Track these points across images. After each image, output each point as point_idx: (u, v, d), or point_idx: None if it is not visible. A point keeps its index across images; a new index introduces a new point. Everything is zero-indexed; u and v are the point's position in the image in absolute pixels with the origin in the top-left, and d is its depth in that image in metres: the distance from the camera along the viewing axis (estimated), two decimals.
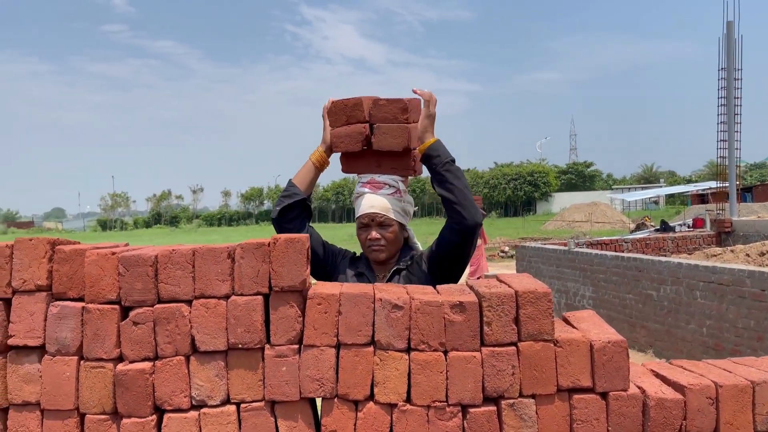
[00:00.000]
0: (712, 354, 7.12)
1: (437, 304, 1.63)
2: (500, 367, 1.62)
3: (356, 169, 2.31)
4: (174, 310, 1.63)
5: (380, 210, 2.22)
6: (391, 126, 2.17)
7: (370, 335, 1.64)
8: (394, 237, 2.26)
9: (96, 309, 1.63)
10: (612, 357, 1.63)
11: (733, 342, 6.85)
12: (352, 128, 2.19)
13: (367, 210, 2.24)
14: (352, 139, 2.19)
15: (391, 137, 2.17)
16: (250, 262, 1.65)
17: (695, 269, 7.43)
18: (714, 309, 7.08)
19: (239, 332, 1.62)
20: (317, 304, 1.64)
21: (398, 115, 2.17)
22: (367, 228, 2.27)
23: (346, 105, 2.19)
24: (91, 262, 1.63)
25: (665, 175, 75.65)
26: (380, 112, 2.18)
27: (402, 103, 2.17)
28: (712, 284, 7.12)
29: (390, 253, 2.28)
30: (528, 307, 1.63)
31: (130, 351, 1.63)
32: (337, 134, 2.21)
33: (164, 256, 1.64)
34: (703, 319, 7.28)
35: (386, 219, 2.23)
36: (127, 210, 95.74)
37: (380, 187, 2.25)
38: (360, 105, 2.18)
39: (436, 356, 1.62)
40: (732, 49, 12.86)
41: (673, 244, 12.24)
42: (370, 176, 2.27)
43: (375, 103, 2.18)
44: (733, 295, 6.80)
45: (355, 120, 2.19)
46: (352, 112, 2.19)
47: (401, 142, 2.17)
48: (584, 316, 1.86)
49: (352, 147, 2.19)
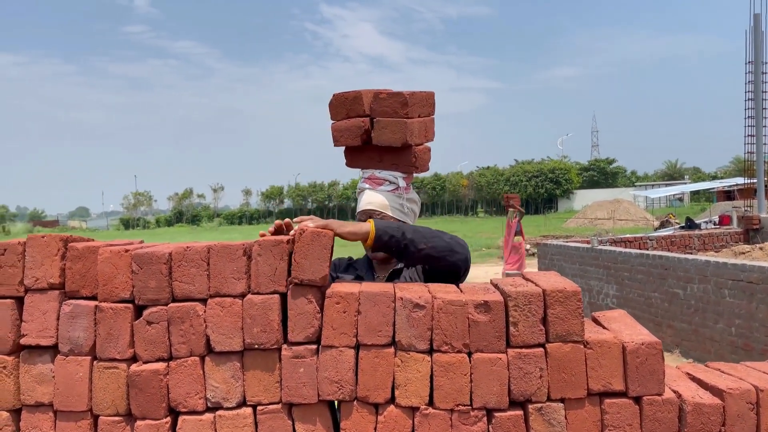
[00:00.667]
0: (741, 354, 6.95)
1: (461, 304, 1.56)
2: (527, 370, 1.54)
3: (359, 164, 2.25)
4: (188, 309, 1.58)
5: (378, 207, 2.16)
6: (390, 120, 2.11)
7: (391, 336, 1.57)
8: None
9: (109, 308, 1.59)
10: (646, 359, 1.55)
11: (763, 342, 6.67)
12: (351, 122, 2.13)
13: (364, 207, 2.18)
14: (352, 133, 2.13)
15: (390, 132, 2.10)
16: (268, 259, 1.59)
17: (724, 267, 7.26)
18: (743, 308, 6.91)
19: (255, 332, 1.57)
20: (336, 303, 1.58)
21: (398, 109, 2.10)
22: None
23: (346, 98, 2.13)
24: (104, 260, 1.59)
25: (690, 171, 74.43)
26: (380, 106, 2.11)
27: (402, 97, 2.11)
28: (742, 282, 6.94)
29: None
30: (556, 306, 1.55)
31: (143, 351, 1.58)
32: (337, 128, 2.16)
33: (178, 253, 1.59)
34: (731, 319, 7.11)
35: (384, 216, 2.16)
36: (150, 209, 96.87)
37: (380, 183, 2.19)
38: (360, 98, 2.12)
39: (460, 358, 1.55)
40: (759, 42, 12.55)
41: (699, 242, 12.00)
42: (371, 172, 2.21)
43: (375, 96, 2.12)
44: (764, 294, 6.63)
45: (354, 114, 2.12)
46: (352, 105, 2.12)
47: (399, 138, 2.10)
48: (615, 316, 1.77)
49: (352, 141, 2.13)
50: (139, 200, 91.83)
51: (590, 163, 79.44)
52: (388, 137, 2.10)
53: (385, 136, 2.10)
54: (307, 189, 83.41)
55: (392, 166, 2.20)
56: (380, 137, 2.10)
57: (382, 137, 2.10)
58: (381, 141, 2.10)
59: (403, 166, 2.20)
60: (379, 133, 2.10)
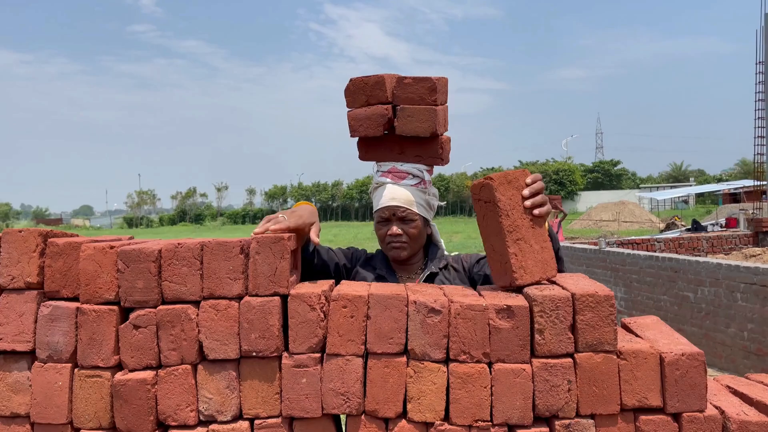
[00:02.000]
0: (754, 359, 6.79)
1: (481, 309, 1.41)
2: (554, 382, 1.39)
3: (376, 157, 2.07)
4: (179, 312, 1.43)
5: (402, 203, 1.99)
6: (417, 108, 1.93)
7: (403, 343, 1.42)
8: (417, 233, 2.02)
9: (92, 310, 1.44)
10: (686, 372, 1.39)
11: None
12: (372, 110, 1.95)
13: (387, 203, 2.00)
14: (373, 122, 1.95)
15: (417, 120, 1.93)
16: (267, 258, 1.44)
17: (736, 270, 7.08)
18: (756, 312, 6.73)
19: (253, 338, 1.42)
20: (342, 307, 1.43)
21: (425, 95, 1.93)
22: (387, 223, 2.02)
23: (366, 83, 1.95)
24: (86, 257, 1.44)
25: (694, 173, 74.12)
26: (405, 92, 1.94)
27: (430, 82, 1.94)
28: (755, 286, 6.77)
29: (412, 251, 2.05)
30: (587, 312, 1.40)
31: (129, 358, 1.43)
32: (355, 116, 1.97)
33: (169, 250, 1.44)
34: (744, 323, 6.93)
35: (409, 213, 1.99)
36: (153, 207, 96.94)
37: (403, 177, 2.01)
38: (382, 83, 1.94)
39: (479, 368, 1.40)
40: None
41: (707, 244, 11.82)
42: (392, 164, 2.03)
43: (399, 81, 1.95)
44: None
45: (375, 100, 1.95)
46: (373, 91, 1.95)
47: (428, 127, 1.93)
48: (648, 322, 1.62)
49: (372, 131, 1.96)
50: (143, 199, 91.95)
51: (594, 164, 79.21)
52: (414, 126, 1.93)
53: (411, 125, 1.93)
54: (311, 189, 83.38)
55: (415, 158, 2.02)
56: (406, 126, 1.93)
57: (407, 126, 1.93)
58: (406, 131, 1.93)
59: (428, 158, 2.03)
60: (405, 122, 1.93)
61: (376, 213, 2.05)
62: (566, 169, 68.23)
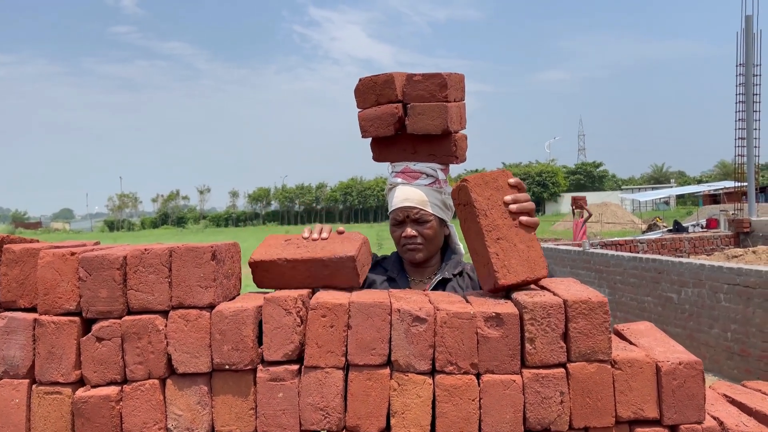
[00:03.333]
0: (738, 360, 6.81)
1: (468, 317, 1.33)
2: (545, 394, 1.31)
3: (389, 157, 2.00)
4: (146, 322, 1.33)
5: (416, 204, 1.91)
6: (427, 105, 1.87)
7: (386, 354, 1.34)
8: (433, 234, 1.95)
9: (51, 322, 1.33)
10: (684, 382, 1.32)
11: (760, 348, 6.51)
12: (382, 109, 1.88)
13: (400, 204, 1.92)
14: (383, 122, 1.88)
15: (428, 118, 1.87)
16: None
17: (719, 271, 7.10)
18: (739, 313, 6.75)
19: (226, 350, 1.33)
20: (321, 316, 1.34)
21: (436, 92, 1.87)
22: (401, 225, 1.95)
23: (375, 82, 1.88)
24: (45, 265, 1.34)
25: (675, 175, 75.01)
26: (415, 90, 1.87)
27: (440, 78, 1.87)
28: (738, 287, 6.79)
29: (429, 253, 1.97)
30: (579, 320, 1.33)
31: (92, 373, 1.33)
32: (365, 117, 1.90)
33: (134, 257, 1.34)
34: (727, 323, 6.95)
35: (423, 214, 1.92)
36: (135, 210, 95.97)
37: (416, 177, 1.94)
38: (391, 82, 1.87)
39: (467, 380, 1.32)
40: (751, 44, 12.48)
41: (689, 245, 11.90)
42: (405, 164, 1.96)
43: (408, 79, 1.88)
44: (761, 299, 6.47)
45: (385, 99, 1.88)
46: (383, 90, 1.88)
47: (440, 124, 1.86)
48: (642, 329, 1.55)
49: (384, 131, 1.89)
50: (124, 202, 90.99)
51: (577, 166, 79.87)
52: (425, 124, 1.86)
53: (422, 123, 1.86)
54: (295, 191, 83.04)
55: (429, 157, 1.95)
56: (416, 124, 1.86)
57: (418, 124, 1.86)
58: (417, 129, 1.87)
59: (442, 157, 1.96)
60: (415, 120, 1.86)
61: (390, 215, 1.99)
62: (549, 170, 68.73)
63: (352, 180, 78.27)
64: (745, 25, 12.53)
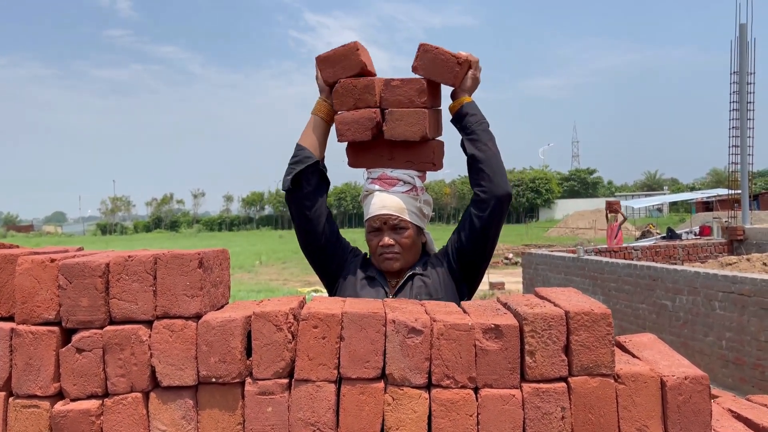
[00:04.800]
0: (732, 368, 6.78)
1: (466, 328, 1.27)
2: (546, 409, 1.26)
3: (365, 163, 1.96)
4: (129, 333, 1.27)
5: (394, 211, 1.87)
6: (405, 111, 1.83)
7: (380, 367, 1.28)
8: (410, 243, 1.90)
9: (29, 332, 1.27)
10: (690, 397, 1.28)
11: (755, 356, 6.49)
12: (360, 113, 1.84)
13: (377, 211, 1.88)
14: (361, 126, 1.84)
15: (406, 124, 1.82)
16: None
17: (714, 279, 7.08)
18: (734, 321, 6.72)
19: (213, 362, 1.27)
20: (313, 327, 1.29)
21: (414, 97, 1.82)
22: (378, 232, 1.90)
23: (354, 86, 1.84)
24: (23, 272, 1.28)
25: (668, 182, 75.34)
26: (393, 95, 1.84)
27: (419, 83, 1.83)
28: (732, 294, 6.76)
29: (406, 262, 1.92)
30: (582, 332, 1.27)
31: (71, 386, 1.27)
32: (342, 120, 1.86)
33: (117, 264, 1.28)
34: (722, 332, 6.92)
35: (400, 221, 1.87)
36: (128, 214, 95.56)
37: (393, 184, 1.90)
38: (371, 87, 1.84)
39: (465, 394, 1.27)
40: (745, 52, 12.52)
41: (683, 252, 11.89)
42: (381, 171, 1.92)
43: (387, 84, 1.84)
44: (756, 307, 6.45)
45: (364, 104, 1.84)
46: (362, 94, 1.84)
47: (418, 130, 1.81)
48: (645, 341, 1.50)
49: (361, 136, 1.85)
50: (117, 205, 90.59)
51: (571, 173, 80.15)
52: (403, 130, 1.82)
53: (399, 128, 1.82)
54: None
55: (406, 164, 1.92)
56: (394, 130, 1.82)
57: (396, 130, 1.82)
58: (395, 135, 1.83)
59: (419, 164, 1.92)
60: (393, 126, 1.82)
61: (367, 222, 1.93)
62: (543, 177, 68.92)
63: (346, 185, 78.19)
64: (739, 34, 12.58)
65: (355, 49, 1.85)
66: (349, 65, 1.85)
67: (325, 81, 1.89)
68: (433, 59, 1.84)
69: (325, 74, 1.89)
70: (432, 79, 1.85)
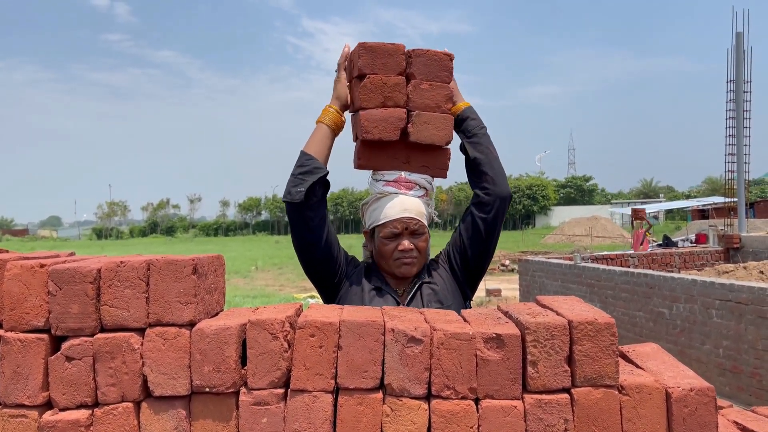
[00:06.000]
0: (730, 377, 6.75)
1: (467, 337, 1.24)
2: (549, 421, 1.23)
3: (378, 164, 1.89)
4: (121, 341, 1.24)
5: (415, 215, 1.83)
6: (434, 115, 1.81)
7: (379, 377, 1.25)
8: (425, 247, 1.89)
9: (17, 339, 1.23)
10: (696, 409, 1.25)
11: (752, 365, 6.46)
12: (390, 112, 1.79)
13: (399, 215, 1.82)
14: (390, 125, 1.79)
15: (434, 128, 1.81)
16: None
17: (711, 287, 7.06)
18: (732, 329, 6.71)
19: (206, 371, 1.23)
20: (310, 336, 1.25)
21: (442, 103, 1.82)
22: (395, 237, 1.85)
23: (384, 83, 1.79)
24: (12, 277, 1.24)
25: (664, 190, 75.53)
26: (421, 98, 1.81)
27: (448, 90, 1.82)
28: (730, 303, 6.75)
29: (420, 267, 1.90)
30: (585, 342, 1.24)
31: (60, 395, 1.23)
32: (370, 117, 1.78)
33: (109, 270, 1.25)
34: (719, 340, 6.90)
35: (420, 226, 1.84)
36: (124, 219, 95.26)
37: (410, 188, 1.86)
38: (402, 86, 1.80)
39: (465, 406, 1.23)
40: (741, 61, 12.56)
41: (680, 260, 11.89)
42: (398, 173, 1.87)
43: (416, 86, 1.81)
44: (753, 315, 6.43)
45: (392, 103, 1.80)
46: (391, 92, 1.79)
47: (444, 136, 1.82)
48: (648, 351, 1.47)
49: (389, 135, 1.79)
50: (113, 210, 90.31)
51: (567, 180, 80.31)
52: (430, 134, 1.80)
53: (427, 132, 1.80)
54: None
55: (422, 168, 1.89)
56: (421, 133, 1.80)
57: (423, 133, 1.80)
58: (421, 138, 1.80)
59: (434, 169, 1.91)
60: (421, 129, 1.80)
61: (384, 226, 1.85)
62: (539, 184, 69.03)
63: (343, 191, 78.16)
64: (735, 42, 12.63)
65: (401, 51, 1.81)
66: (389, 64, 1.80)
67: (360, 69, 1.79)
68: (426, 62, 1.82)
69: (362, 61, 1.79)
70: (429, 81, 1.83)
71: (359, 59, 1.80)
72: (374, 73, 1.79)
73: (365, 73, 1.79)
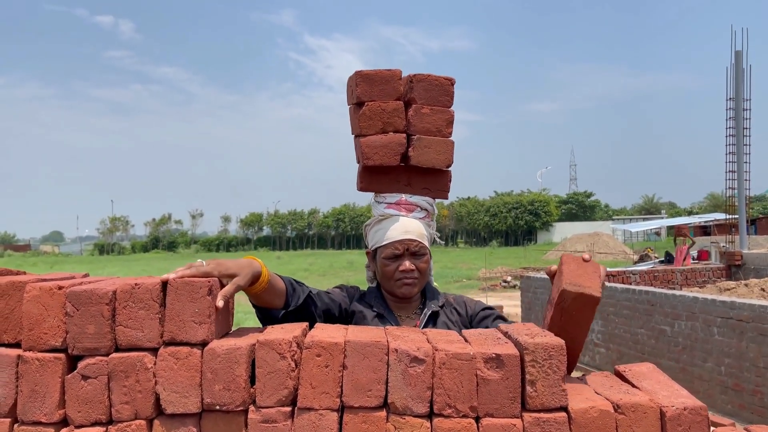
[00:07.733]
0: (731, 395, 6.75)
1: (468, 357, 1.29)
2: None
3: (380, 187, 1.93)
4: (134, 360, 1.29)
5: (416, 236, 1.87)
6: (434, 139, 1.85)
7: (383, 396, 1.29)
8: (426, 268, 1.92)
9: (35, 358, 1.28)
10: (689, 428, 1.29)
11: (754, 382, 6.46)
12: (389, 138, 1.83)
13: (400, 236, 1.86)
14: (390, 151, 1.83)
15: (435, 152, 1.85)
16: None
17: (712, 304, 7.08)
18: (733, 347, 6.71)
19: (217, 390, 1.28)
20: (316, 356, 1.30)
21: (443, 127, 1.86)
22: (398, 258, 1.89)
23: (383, 109, 1.84)
24: (31, 299, 1.29)
25: (666, 206, 75.56)
26: (421, 122, 1.85)
27: (449, 114, 1.86)
28: (731, 320, 6.76)
29: (421, 288, 1.94)
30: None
31: (76, 413, 1.28)
32: (370, 144, 1.84)
33: (124, 291, 1.30)
34: (721, 357, 6.90)
35: (421, 247, 1.89)
36: (126, 234, 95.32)
37: (412, 210, 1.90)
38: (400, 111, 1.84)
39: (466, 424, 1.27)
40: (740, 79, 12.67)
41: (681, 277, 11.90)
42: (400, 196, 1.91)
43: (416, 110, 1.85)
44: (754, 332, 6.44)
45: (392, 128, 1.84)
46: (390, 118, 1.84)
47: (445, 159, 1.85)
48: (644, 371, 1.51)
49: (389, 160, 1.84)
50: (116, 225, 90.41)
51: (569, 196, 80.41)
52: (431, 158, 1.85)
53: (428, 156, 1.84)
54: (287, 216, 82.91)
55: (423, 190, 1.93)
56: (422, 157, 1.84)
57: (424, 157, 1.84)
58: (422, 161, 1.84)
59: (435, 191, 1.94)
60: (421, 153, 1.84)
61: (385, 248, 1.88)
62: (541, 200, 69.13)
63: (345, 206, 78.33)
64: (734, 60, 12.75)
65: (398, 77, 1.85)
66: (387, 90, 1.84)
67: (358, 97, 1.83)
68: (427, 87, 1.86)
69: (360, 89, 1.84)
70: (430, 105, 1.88)
71: (357, 88, 1.85)
72: (372, 100, 1.84)
73: (363, 101, 1.84)
